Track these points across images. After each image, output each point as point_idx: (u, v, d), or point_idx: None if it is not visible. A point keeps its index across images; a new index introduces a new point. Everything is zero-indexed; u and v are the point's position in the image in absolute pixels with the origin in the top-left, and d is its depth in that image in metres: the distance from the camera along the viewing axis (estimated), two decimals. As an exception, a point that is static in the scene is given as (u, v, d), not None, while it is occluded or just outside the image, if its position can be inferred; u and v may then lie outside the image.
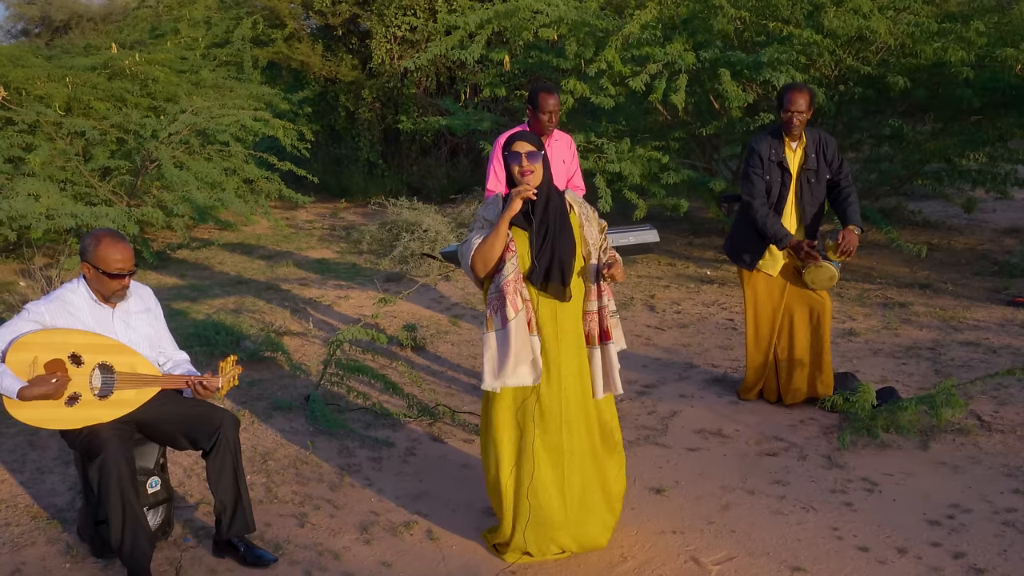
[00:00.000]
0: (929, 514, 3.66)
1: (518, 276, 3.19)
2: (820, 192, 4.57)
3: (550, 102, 4.43)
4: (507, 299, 3.16)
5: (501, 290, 3.17)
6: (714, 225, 9.35)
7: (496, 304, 3.19)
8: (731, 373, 5.35)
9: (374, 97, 12.06)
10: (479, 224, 3.29)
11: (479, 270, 3.23)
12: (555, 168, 4.63)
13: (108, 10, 23.62)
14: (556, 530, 3.30)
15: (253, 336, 5.78)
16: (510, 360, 3.14)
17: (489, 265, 3.21)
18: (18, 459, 4.24)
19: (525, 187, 3.14)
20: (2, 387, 3.12)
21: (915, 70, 7.30)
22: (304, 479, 4.08)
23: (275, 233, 9.80)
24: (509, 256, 3.19)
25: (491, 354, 3.18)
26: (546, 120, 4.46)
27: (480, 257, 3.20)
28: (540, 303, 3.23)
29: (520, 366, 3.16)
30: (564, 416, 3.26)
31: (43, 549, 3.47)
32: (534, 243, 3.21)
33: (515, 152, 3.19)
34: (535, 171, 3.17)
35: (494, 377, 3.18)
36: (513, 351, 3.14)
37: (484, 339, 3.20)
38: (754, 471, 4.09)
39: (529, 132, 3.29)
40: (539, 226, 3.21)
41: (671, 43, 7.44)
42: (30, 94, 8.38)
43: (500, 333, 3.18)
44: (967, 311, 6.47)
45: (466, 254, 3.26)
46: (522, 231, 3.24)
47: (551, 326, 3.24)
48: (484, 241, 3.20)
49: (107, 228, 3.39)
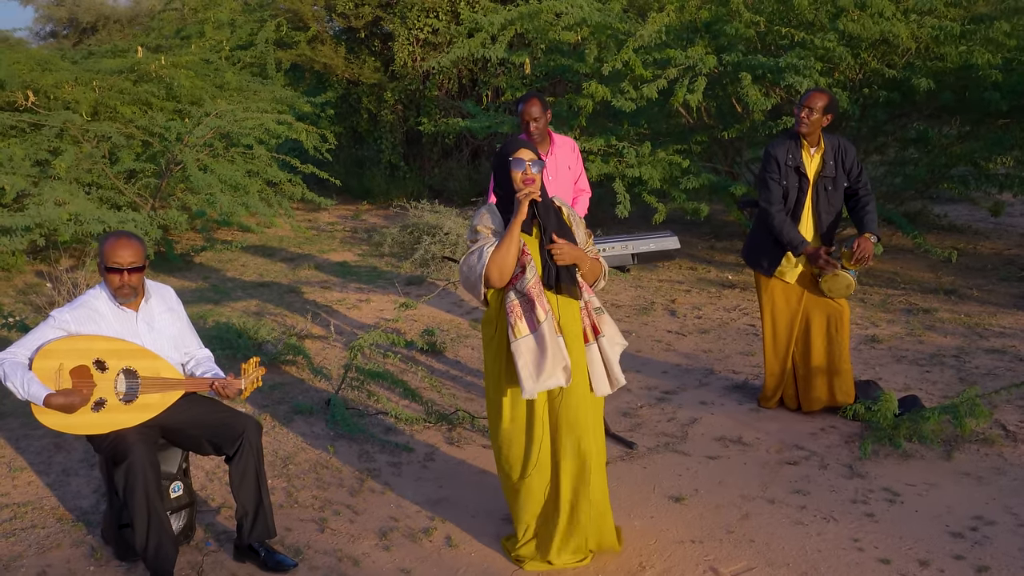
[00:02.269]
0: (952, 526, 3.63)
1: (538, 280, 3.19)
2: (837, 200, 4.54)
3: (531, 110, 4.42)
4: (536, 302, 3.14)
5: (527, 294, 3.15)
6: (735, 229, 9.30)
7: (522, 309, 3.16)
8: (752, 380, 5.32)
9: (396, 99, 12.10)
10: (480, 235, 3.25)
11: (495, 280, 3.16)
12: (560, 174, 4.62)
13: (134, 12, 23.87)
14: (576, 534, 3.30)
15: (274, 339, 5.83)
16: (547, 363, 3.12)
17: (506, 273, 3.16)
18: (44, 461, 4.30)
19: (532, 190, 3.13)
20: (29, 394, 3.17)
21: (941, 73, 7.23)
22: (324, 484, 4.11)
23: (297, 236, 9.86)
24: (528, 261, 3.18)
25: (527, 359, 3.12)
26: (531, 128, 4.45)
27: (496, 266, 3.14)
28: (560, 305, 3.23)
29: (556, 367, 3.14)
30: (577, 417, 3.27)
31: (68, 552, 3.52)
32: (542, 246, 3.21)
33: (519, 159, 3.17)
34: (536, 179, 3.18)
35: (534, 382, 3.12)
36: (550, 353, 3.12)
37: (514, 348, 3.14)
38: (774, 480, 4.07)
39: (528, 142, 3.26)
40: (547, 229, 3.22)
41: (693, 46, 7.41)
42: (57, 99, 8.48)
43: (535, 336, 3.14)
44: (993, 317, 6.40)
45: (477, 266, 3.18)
46: (529, 237, 3.24)
47: (572, 326, 3.24)
48: (498, 248, 3.15)
49: (121, 230, 3.44)
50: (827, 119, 4.42)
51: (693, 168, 7.81)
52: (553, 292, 3.22)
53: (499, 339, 3.27)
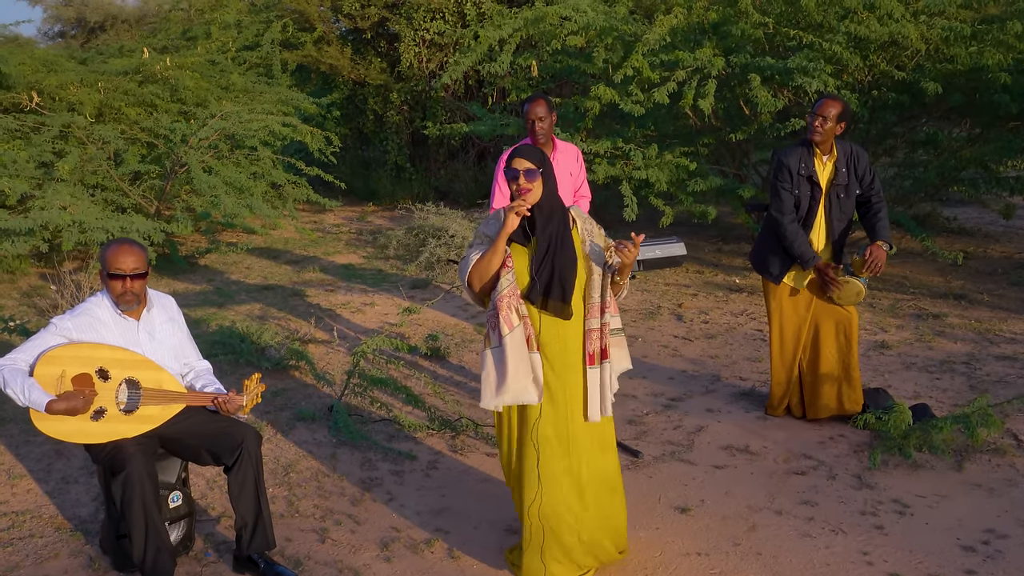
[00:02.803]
0: (963, 539, 3.56)
1: (513, 292, 3.12)
2: (849, 207, 4.48)
3: (536, 110, 4.37)
4: (500, 315, 3.10)
5: (495, 306, 3.12)
6: (743, 232, 9.23)
7: (492, 321, 3.14)
8: (759, 387, 5.26)
9: (402, 100, 12.07)
10: (479, 240, 3.23)
11: (475, 286, 3.18)
12: (561, 180, 4.57)
13: (142, 12, 23.91)
14: (573, 551, 3.25)
15: (277, 344, 5.79)
16: (508, 378, 3.08)
17: (485, 281, 3.15)
18: (44, 468, 4.27)
19: (520, 204, 3.07)
20: (31, 400, 3.14)
21: (951, 75, 7.15)
22: (326, 493, 4.06)
23: (302, 238, 9.83)
24: (504, 272, 3.13)
25: (488, 372, 3.13)
26: (537, 128, 4.40)
27: (476, 273, 3.15)
28: (543, 321, 3.16)
29: (519, 384, 3.09)
30: (572, 436, 3.20)
31: (66, 562, 3.48)
32: (533, 259, 3.14)
33: (513, 169, 3.12)
34: (533, 188, 3.10)
35: (492, 396, 3.12)
36: (511, 368, 3.07)
37: (482, 357, 3.16)
38: (782, 490, 4.01)
39: (531, 147, 3.18)
40: (540, 242, 3.15)
41: (700, 48, 7.35)
42: (62, 100, 8.47)
43: (496, 351, 3.12)
44: (1004, 323, 6.32)
45: (464, 270, 3.21)
46: (521, 247, 3.19)
47: (556, 344, 3.16)
48: (482, 257, 3.15)
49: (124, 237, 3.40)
50: (840, 127, 4.35)
51: (700, 170, 7.75)
52: (537, 308, 3.16)
53: None
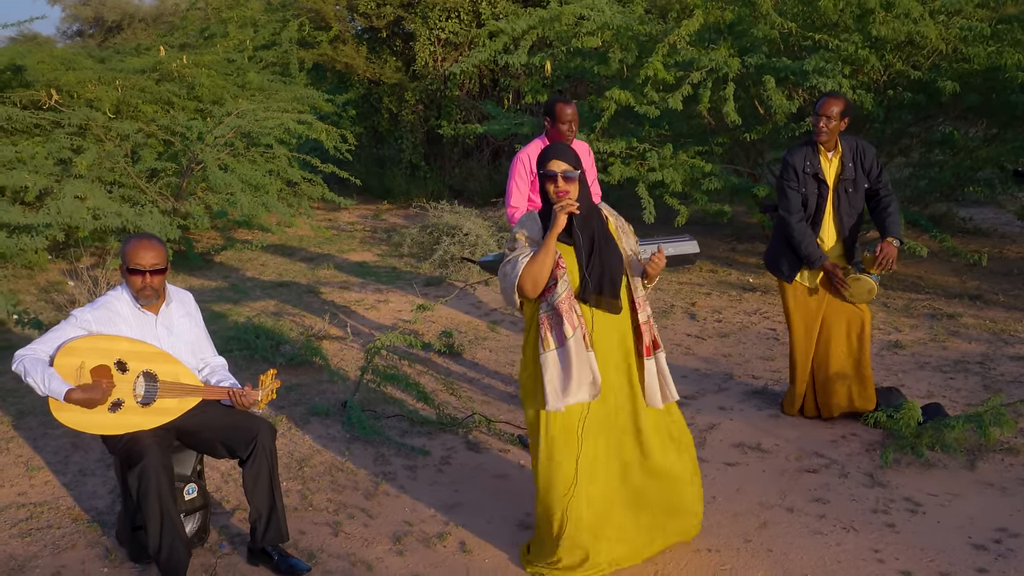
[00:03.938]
0: (975, 538, 3.56)
1: (571, 293, 3.15)
2: (858, 202, 4.47)
3: (568, 112, 4.38)
4: (564, 317, 3.12)
5: (556, 309, 3.13)
6: (757, 231, 9.22)
7: (552, 323, 3.15)
8: (771, 385, 5.26)
9: (417, 99, 12.11)
10: (519, 244, 3.22)
11: (529, 291, 3.15)
12: None
13: (159, 10, 24.06)
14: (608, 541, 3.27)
15: (292, 340, 5.83)
16: (573, 378, 3.12)
17: (540, 285, 3.15)
18: (61, 460, 4.32)
19: (569, 202, 3.08)
20: (50, 389, 3.18)
21: (968, 74, 7.11)
22: (339, 487, 4.09)
23: (317, 235, 9.89)
24: (561, 274, 3.15)
25: (553, 374, 3.14)
26: (565, 130, 4.40)
27: (530, 277, 3.13)
28: (596, 318, 3.19)
29: (582, 382, 3.14)
30: (616, 428, 3.25)
31: (83, 552, 3.53)
32: (582, 258, 3.17)
33: (550, 171, 3.13)
34: (571, 190, 3.13)
35: (558, 398, 3.14)
36: (575, 369, 3.12)
37: (543, 360, 3.15)
38: (794, 488, 4.01)
39: (564, 147, 3.18)
40: (584, 240, 3.17)
41: (716, 48, 7.34)
42: (80, 97, 8.55)
43: (560, 352, 3.14)
44: (1019, 323, 6.29)
45: (511, 275, 3.17)
46: (566, 247, 3.20)
47: (604, 341, 3.21)
48: (533, 260, 3.13)
49: (143, 232, 3.44)
50: (844, 123, 4.35)
51: (715, 170, 7.74)
52: (589, 306, 3.18)
53: (532, 346, 3.25)
